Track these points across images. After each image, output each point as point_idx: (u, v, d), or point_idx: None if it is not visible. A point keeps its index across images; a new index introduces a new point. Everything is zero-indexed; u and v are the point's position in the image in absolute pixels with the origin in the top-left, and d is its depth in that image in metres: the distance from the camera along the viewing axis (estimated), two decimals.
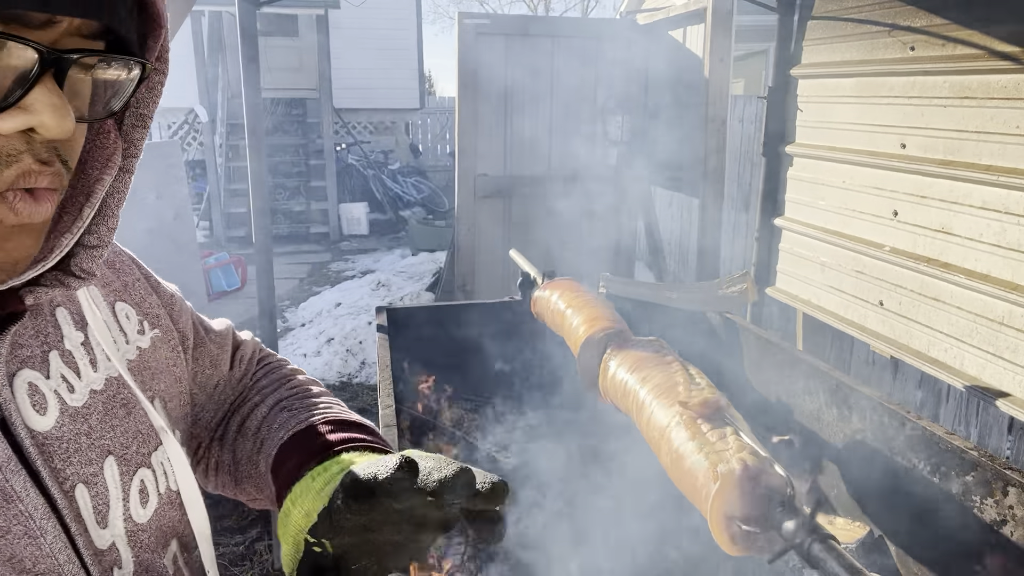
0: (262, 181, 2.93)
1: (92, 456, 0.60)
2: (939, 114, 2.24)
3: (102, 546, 0.59)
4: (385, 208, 11.39)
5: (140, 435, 0.66)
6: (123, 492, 0.62)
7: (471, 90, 4.50)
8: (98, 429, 0.62)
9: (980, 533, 1.46)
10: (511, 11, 25.81)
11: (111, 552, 0.60)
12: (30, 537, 0.52)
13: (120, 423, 0.64)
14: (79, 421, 0.60)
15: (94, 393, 0.63)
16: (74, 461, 0.58)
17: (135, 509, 0.63)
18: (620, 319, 1.92)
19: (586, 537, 1.84)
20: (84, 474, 0.59)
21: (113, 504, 0.61)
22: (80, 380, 0.62)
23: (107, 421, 0.63)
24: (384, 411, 1.77)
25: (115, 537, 0.60)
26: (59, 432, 0.58)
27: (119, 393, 0.66)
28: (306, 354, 5.84)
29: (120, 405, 0.65)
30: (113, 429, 0.63)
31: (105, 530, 0.60)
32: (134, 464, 0.64)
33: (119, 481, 0.62)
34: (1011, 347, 2.01)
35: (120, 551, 0.61)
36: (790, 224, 2.98)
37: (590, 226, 5.08)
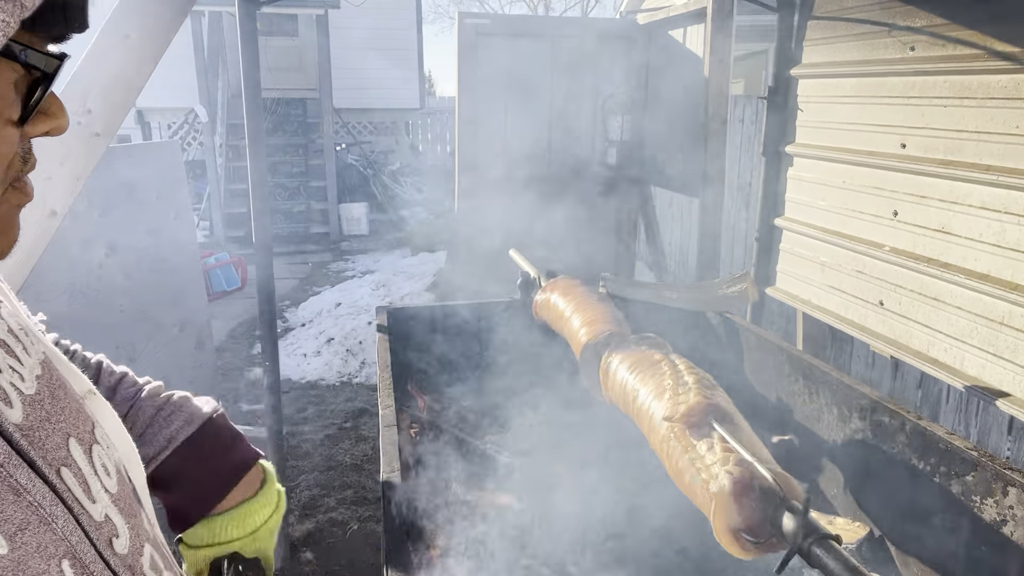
0: (262, 181, 2.93)
1: (58, 440, 0.62)
2: (939, 114, 2.24)
3: (99, 518, 0.61)
4: (385, 208, 11.39)
5: (81, 414, 0.68)
6: (92, 468, 0.64)
7: (471, 90, 4.50)
8: (54, 414, 0.63)
9: (980, 533, 1.46)
10: (511, 11, 25.81)
11: (107, 524, 0.62)
12: (45, 525, 0.54)
13: (66, 404, 0.66)
14: (38, 408, 0.61)
15: (38, 379, 0.64)
16: (49, 447, 0.60)
17: (106, 481, 0.65)
18: (618, 318, 1.92)
19: (586, 537, 1.84)
20: (61, 457, 0.61)
21: (91, 480, 0.63)
22: (24, 368, 0.63)
23: (56, 404, 0.64)
24: (384, 411, 1.77)
25: (106, 507, 0.63)
26: (29, 422, 0.59)
27: (54, 375, 0.67)
28: (306, 354, 5.84)
29: (59, 386, 0.67)
30: (63, 411, 0.65)
31: (96, 504, 0.62)
32: (87, 442, 0.66)
33: (85, 459, 0.64)
34: (1011, 347, 2.01)
35: (114, 520, 0.63)
36: (790, 224, 2.98)
37: (590, 226, 5.07)
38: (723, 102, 3.68)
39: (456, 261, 4.81)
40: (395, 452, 1.58)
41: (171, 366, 3.63)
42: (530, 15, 18.02)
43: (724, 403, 1.39)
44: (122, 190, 3.26)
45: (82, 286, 2.97)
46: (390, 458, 1.55)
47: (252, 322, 6.72)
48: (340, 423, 4.75)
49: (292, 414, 4.83)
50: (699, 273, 3.79)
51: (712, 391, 1.42)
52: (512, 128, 4.68)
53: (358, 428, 4.67)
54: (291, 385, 5.31)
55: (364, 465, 4.19)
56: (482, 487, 2.00)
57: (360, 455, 4.31)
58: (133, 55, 2.05)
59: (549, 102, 4.70)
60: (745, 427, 1.34)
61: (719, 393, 1.43)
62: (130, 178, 3.32)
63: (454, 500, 1.94)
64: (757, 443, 1.28)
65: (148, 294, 3.40)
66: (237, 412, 4.94)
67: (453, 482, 2.00)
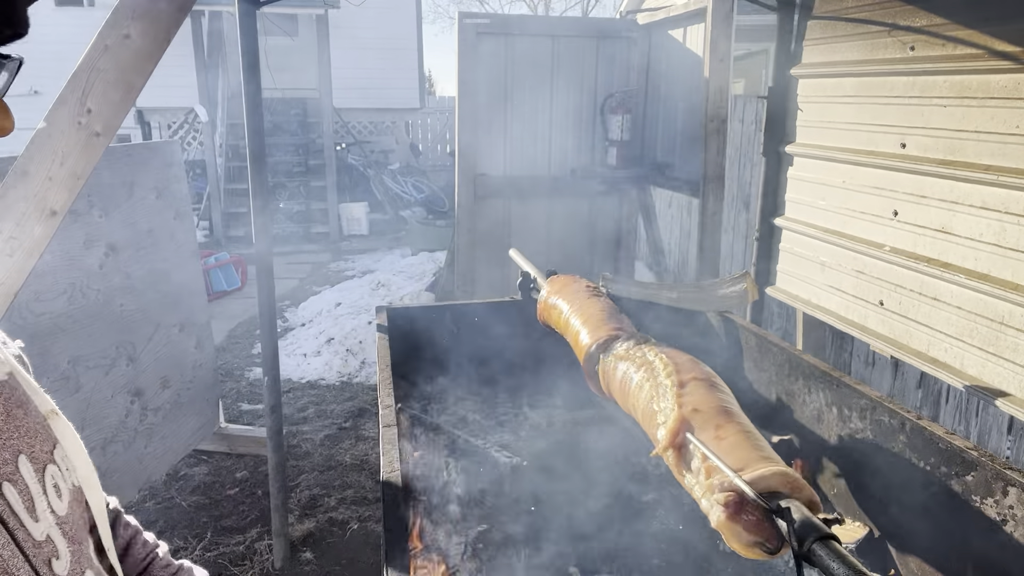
0: (262, 181, 2.93)
1: (7, 456, 0.62)
2: (939, 114, 2.24)
3: (39, 537, 0.61)
4: (385, 208, 11.38)
5: (40, 434, 0.68)
6: (41, 487, 0.64)
7: (471, 90, 4.50)
8: (5, 430, 0.63)
9: (980, 533, 1.46)
10: (511, 10, 25.80)
11: (48, 544, 0.62)
12: None
13: (22, 423, 0.66)
14: None
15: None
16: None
17: (54, 502, 0.66)
18: (616, 318, 1.91)
19: (587, 537, 1.84)
20: (5, 472, 0.61)
21: (37, 499, 0.63)
22: None
23: (11, 422, 0.64)
24: (384, 411, 1.77)
25: (48, 528, 0.63)
26: None
27: (13, 394, 0.67)
28: (306, 354, 5.84)
29: (17, 405, 0.67)
30: (17, 429, 0.65)
31: (38, 523, 0.62)
32: (42, 462, 0.66)
33: (36, 477, 0.64)
34: (1011, 347, 2.01)
35: (56, 542, 0.63)
36: (790, 224, 2.98)
37: (590, 226, 5.08)
38: (723, 102, 3.68)
39: (456, 261, 4.81)
40: (395, 452, 1.58)
41: (171, 366, 3.63)
42: (530, 15, 18.02)
43: (703, 400, 1.36)
44: (122, 190, 3.26)
45: (82, 286, 2.97)
46: (390, 458, 1.55)
47: (252, 322, 6.72)
48: (340, 423, 4.75)
49: (292, 414, 4.83)
50: (699, 273, 3.79)
51: (689, 388, 1.40)
52: (512, 128, 4.68)
53: (358, 428, 4.67)
54: (291, 385, 5.31)
55: (364, 465, 4.19)
56: (482, 488, 2.00)
57: (360, 455, 4.31)
58: (133, 55, 2.05)
59: (549, 102, 4.70)
60: (733, 420, 1.31)
61: (698, 386, 1.41)
62: (130, 178, 3.32)
63: (454, 500, 1.94)
64: (746, 441, 1.26)
65: (148, 294, 3.40)
66: (237, 412, 4.94)
67: (453, 482, 2.00)
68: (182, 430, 3.76)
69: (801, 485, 1.14)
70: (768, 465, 1.16)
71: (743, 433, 1.28)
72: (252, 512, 3.71)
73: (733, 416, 1.34)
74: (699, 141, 3.89)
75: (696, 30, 4.12)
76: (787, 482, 1.13)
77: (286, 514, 3.32)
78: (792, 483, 1.14)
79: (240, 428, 4.42)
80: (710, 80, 3.63)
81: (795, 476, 1.15)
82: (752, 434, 1.29)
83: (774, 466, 1.16)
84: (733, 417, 1.34)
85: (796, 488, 1.14)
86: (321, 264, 9.36)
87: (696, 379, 1.44)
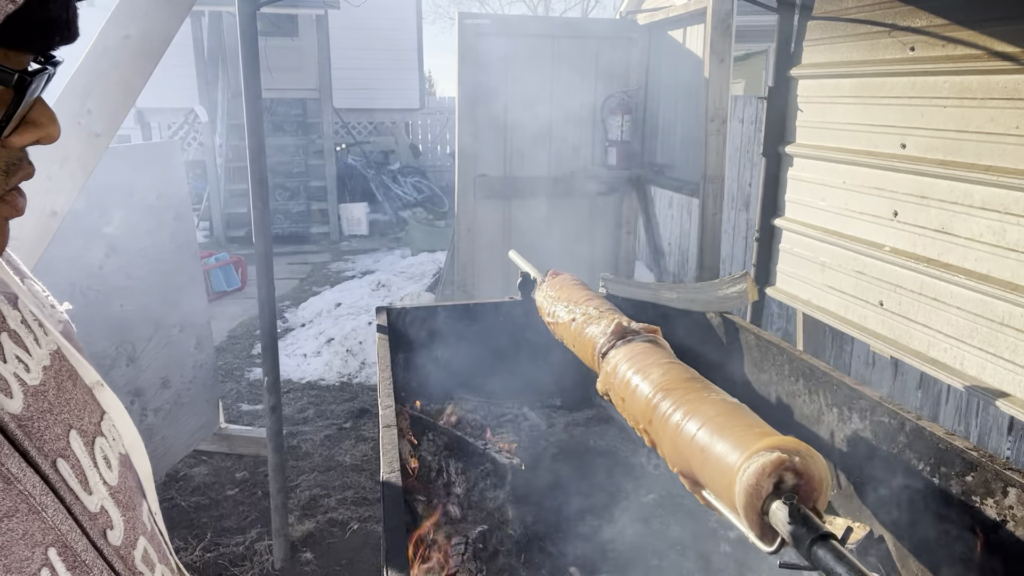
0: (262, 181, 2.93)
1: (58, 432, 0.63)
2: (939, 114, 2.24)
3: (94, 509, 0.63)
4: (385, 208, 11.38)
5: (88, 406, 0.70)
6: (92, 460, 0.66)
7: (471, 90, 4.50)
8: (57, 405, 0.64)
9: (980, 533, 1.46)
10: (511, 11, 25.79)
11: (102, 515, 0.64)
12: (34, 513, 0.56)
13: (71, 396, 0.67)
14: (40, 399, 0.63)
15: (45, 370, 0.65)
16: (47, 438, 0.61)
17: (105, 473, 0.67)
18: (612, 321, 1.90)
19: (587, 537, 1.84)
20: (58, 448, 0.62)
21: (89, 472, 0.65)
22: (32, 358, 0.64)
23: (61, 396, 0.66)
24: (384, 411, 1.77)
25: (102, 499, 0.65)
26: (29, 412, 0.61)
27: (63, 366, 0.68)
28: (306, 354, 5.84)
29: (67, 378, 0.68)
30: (68, 403, 0.66)
31: (92, 496, 0.64)
32: (91, 434, 0.68)
33: (86, 451, 0.66)
34: (1011, 347, 2.01)
35: (110, 512, 0.65)
36: (790, 224, 2.98)
37: (590, 226, 5.08)
38: (723, 102, 3.68)
39: (456, 261, 4.81)
40: (395, 452, 1.58)
41: (171, 366, 3.63)
42: (530, 16, 18.01)
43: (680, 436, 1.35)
44: (122, 190, 3.26)
45: (82, 286, 2.97)
46: (390, 458, 1.55)
47: (252, 322, 6.71)
48: (340, 423, 4.75)
49: (292, 414, 4.83)
50: (699, 273, 3.79)
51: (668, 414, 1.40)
52: (512, 128, 4.68)
53: (358, 428, 4.67)
54: (291, 385, 5.31)
55: (364, 465, 4.19)
56: (482, 488, 2.00)
57: (360, 455, 4.31)
58: (133, 55, 2.05)
59: (549, 102, 4.70)
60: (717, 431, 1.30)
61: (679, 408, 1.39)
62: (130, 178, 3.32)
63: (454, 500, 1.94)
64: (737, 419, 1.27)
65: (148, 294, 3.40)
66: (237, 412, 4.94)
67: (453, 482, 2.00)
68: (182, 430, 3.76)
69: (802, 468, 1.12)
70: (763, 451, 1.15)
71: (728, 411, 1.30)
72: (252, 512, 3.71)
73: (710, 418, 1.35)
74: (699, 141, 3.89)
75: (696, 30, 4.12)
76: (788, 466, 1.12)
77: (286, 514, 3.32)
78: (794, 466, 1.12)
79: (240, 428, 4.42)
80: (710, 80, 3.63)
81: (793, 458, 1.12)
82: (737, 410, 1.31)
83: (768, 455, 1.13)
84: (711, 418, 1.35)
85: (799, 471, 1.12)
86: (321, 264, 9.36)
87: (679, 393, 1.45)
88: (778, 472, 1.11)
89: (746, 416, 1.30)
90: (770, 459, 1.12)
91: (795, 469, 1.12)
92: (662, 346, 1.68)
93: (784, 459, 1.12)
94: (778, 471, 1.11)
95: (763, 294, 3.15)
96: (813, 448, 1.16)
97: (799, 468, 1.12)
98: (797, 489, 1.12)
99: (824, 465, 1.15)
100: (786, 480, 1.12)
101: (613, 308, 1.95)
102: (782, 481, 1.11)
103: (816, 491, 1.13)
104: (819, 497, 1.14)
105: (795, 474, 1.12)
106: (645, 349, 1.63)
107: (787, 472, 1.12)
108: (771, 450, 1.13)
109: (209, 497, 3.85)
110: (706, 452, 1.26)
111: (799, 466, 1.12)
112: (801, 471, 1.12)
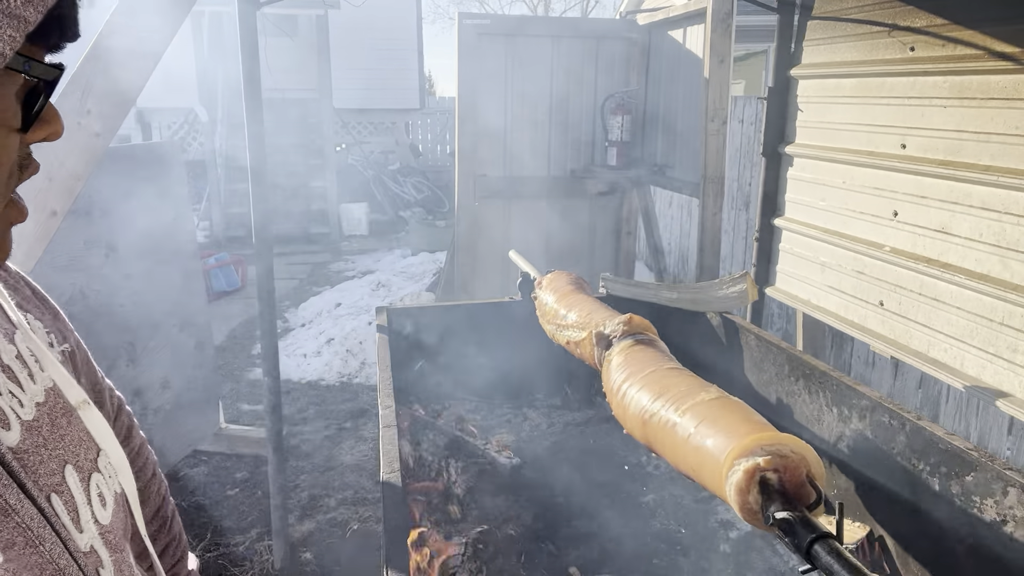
0: (262, 182, 2.93)
1: (53, 467, 0.62)
2: (939, 114, 2.24)
3: (84, 548, 0.62)
4: (385, 208, 11.38)
5: (84, 442, 0.69)
6: (86, 497, 0.65)
7: (471, 90, 4.50)
8: (51, 440, 0.64)
9: (980, 533, 1.46)
10: (511, 11, 25.80)
11: (92, 554, 0.63)
12: (31, 546, 0.55)
13: (67, 432, 0.66)
14: (35, 434, 0.62)
15: (39, 406, 0.64)
16: (42, 472, 0.61)
17: (99, 512, 0.66)
18: (601, 311, 1.90)
19: (587, 537, 1.84)
20: (53, 483, 0.61)
21: (82, 510, 0.64)
22: (25, 394, 0.64)
23: (56, 432, 0.65)
24: (384, 411, 1.77)
25: (92, 539, 0.64)
26: (25, 446, 0.60)
27: (58, 403, 0.67)
28: (306, 354, 5.84)
29: (61, 414, 0.67)
30: (63, 439, 0.65)
31: (83, 534, 0.63)
32: (87, 471, 0.67)
33: (80, 488, 0.65)
34: (1011, 347, 2.01)
35: (99, 552, 0.64)
36: (790, 224, 2.98)
37: (590, 226, 5.08)
38: (723, 102, 3.68)
39: (456, 261, 4.81)
40: (395, 452, 1.58)
41: (171, 366, 3.63)
42: (530, 16, 18.00)
43: None
44: (122, 190, 3.26)
45: (82, 286, 2.97)
46: (390, 458, 1.55)
47: (252, 322, 6.71)
48: (340, 423, 4.75)
49: (292, 414, 4.83)
50: (699, 273, 3.79)
51: None
52: (512, 128, 4.68)
53: (358, 428, 4.67)
54: (291, 385, 5.31)
55: (364, 465, 4.19)
56: (482, 488, 2.00)
57: (360, 455, 4.31)
58: (133, 55, 2.05)
59: (549, 102, 4.70)
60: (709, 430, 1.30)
61: None
62: (130, 178, 3.32)
63: (454, 500, 1.94)
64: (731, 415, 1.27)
65: (148, 294, 3.40)
66: (237, 412, 4.94)
67: (453, 482, 2.00)
68: (182, 430, 3.76)
69: (779, 463, 1.12)
70: (733, 467, 1.15)
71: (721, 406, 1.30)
72: (252, 512, 3.71)
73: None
74: (699, 141, 3.89)
75: (696, 31, 4.12)
76: (761, 472, 1.12)
77: (286, 514, 3.32)
78: (767, 467, 1.12)
79: (240, 428, 4.42)
80: (710, 80, 3.63)
81: (761, 460, 1.12)
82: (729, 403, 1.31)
83: (736, 474, 1.13)
84: None
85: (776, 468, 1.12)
86: (321, 264, 9.35)
87: None
88: (754, 482, 1.12)
89: (716, 420, 1.27)
90: (738, 479, 1.12)
91: (771, 469, 1.12)
92: (649, 345, 1.69)
93: (753, 469, 1.12)
94: (752, 482, 1.12)
95: (763, 294, 3.15)
96: (783, 434, 1.17)
97: (776, 465, 1.12)
98: (783, 483, 1.12)
99: (797, 442, 1.15)
100: (769, 480, 1.12)
101: (603, 310, 1.95)
102: (766, 482, 1.12)
103: (799, 471, 1.13)
104: (808, 471, 1.13)
105: (773, 471, 1.12)
106: (627, 358, 1.65)
107: (766, 474, 1.12)
108: (739, 460, 1.14)
109: (209, 497, 3.85)
110: (697, 472, 1.28)
111: (775, 463, 1.12)
112: (778, 466, 1.12)
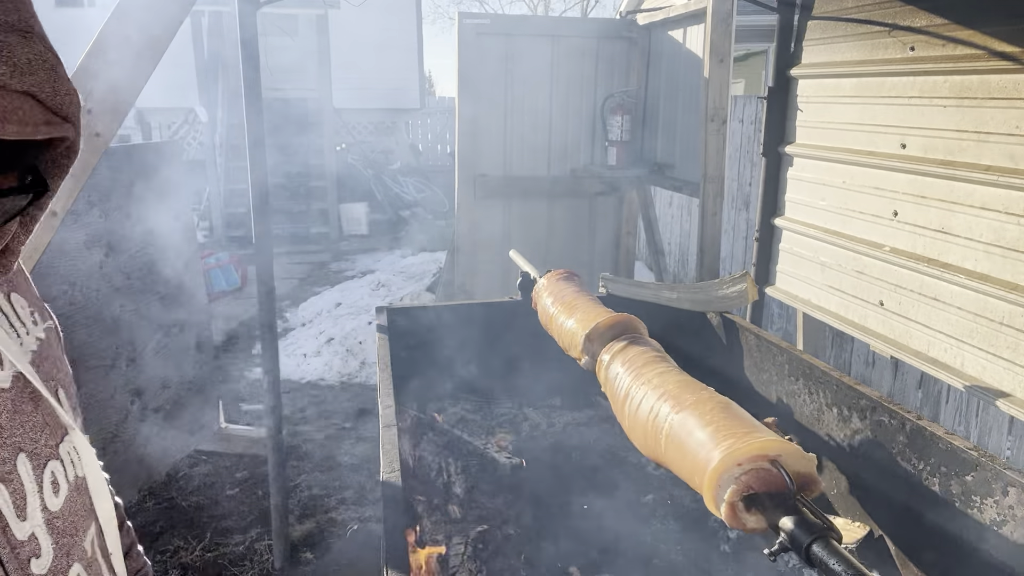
0: (262, 181, 2.92)
1: (5, 455, 0.62)
2: (939, 114, 2.24)
3: (22, 537, 0.62)
4: (385, 208, 11.38)
5: (48, 428, 0.68)
6: (37, 485, 0.65)
7: (471, 90, 4.50)
8: (8, 428, 0.63)
9: (980, 533, 1.46)
10: (511, 11, 25.80)
11: (30, 542, 0.63)
12: None
13: (28, 419, 0.66)
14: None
15: (2, 392, 0.64)
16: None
17: (49, 499, 0.66)
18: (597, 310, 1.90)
19: (587, 537, 1.84)
20: (2, 472, 0.61)
21: (30, 498, 0.63)
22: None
23: (16, 419, 0.64)
24: (384, 411, 1.77)
25: (34, 527, 0.63)
26: None
27: (25, 388, 0.67)
28: (306, 354, 5.84)
29: (27, 400, 0.67)
30: (22, 426, 0.65)
31: (25, 522, 0.62)
32: (44, 457, 0.66)
33: (32, 476, 0.64)
34: (1011, 347, 2.01)
35: (39, 539, 0.64)
36: (790, 224, 2.98)
37: (590, 226, 5.08)
38: (723, 102, 3.68)
39: (456, 261, 4.81)
40: (395, 452, 1.58)
41: (171, 366, 3.63)
42: (530, 15, 18.00)
43: None
44: (122, 190, 3.26)
45: (82, 287, 2.97)
46: (390, 458, 1.55)
47: (252, 322, 6.71)
48: (340, 423, 4.75)
49: (292, 414, 4.83)
50: (699, 273, 3.79)
51: None
52: (512, 128, 4.68)
53: (358, 428, 4.67)
54: (291, 385, 5.31)
55: (364, 465, 4.19)
56: (482, 488, 2.00)
57: (360, 455, 4.31)
58: (133, 55, 2.05)
59: (549, 102, 4.70)
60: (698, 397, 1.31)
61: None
62: (130, 179, 3.32)
63: (454, 500, 1.94)
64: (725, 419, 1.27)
65: (148, 294, 3.40)
66: (237, 412, 4.94)
67: (453, 482, 2.00)
68: (182, 430, 3.76)
69: (763, 475, 1.12)
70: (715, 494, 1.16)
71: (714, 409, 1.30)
72: (252, 512, 3.71)
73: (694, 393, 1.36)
74: (699, 141, 3.89)
75: (696, 30, 4.12)
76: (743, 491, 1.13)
77: (286, 514, 3.32)
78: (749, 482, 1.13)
79: (240, 428, 4.42)
80: (710, 80, 3.63)
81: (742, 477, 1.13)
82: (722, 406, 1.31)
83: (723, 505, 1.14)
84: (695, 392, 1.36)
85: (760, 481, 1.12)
86: (321, 264, 9.36)
87: None
88: (739, 508, 1.13)
89: (692, 435, 1.26)
90: (726, 514, 1.13)
91: (752, 485, 1.13)
92: (634, 343, 1.70)
93: (732, 503, 1.13)
94: (738, 510, 1.13)
95: (763, 294, 3.15)
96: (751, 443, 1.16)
97: (750, 483, 1.13)
98: (767, 487, 1.12)
99: (767, 444, 1.15)
100: (753, 489, 1.13)
101: (598, 309, 1.95)
102: (750, 490, 1.13)
103: (776, 475, 1.13)
104: (786, 470, 1.13)
105: (759, 483, 1.13)
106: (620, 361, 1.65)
107: (748, 490, 1.13)
108: (718, 493, 1.14)
109: (209, 497, 3.85)
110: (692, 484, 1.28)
111: (749, 482, 1.13)
112: (752, 483, 1.13)
